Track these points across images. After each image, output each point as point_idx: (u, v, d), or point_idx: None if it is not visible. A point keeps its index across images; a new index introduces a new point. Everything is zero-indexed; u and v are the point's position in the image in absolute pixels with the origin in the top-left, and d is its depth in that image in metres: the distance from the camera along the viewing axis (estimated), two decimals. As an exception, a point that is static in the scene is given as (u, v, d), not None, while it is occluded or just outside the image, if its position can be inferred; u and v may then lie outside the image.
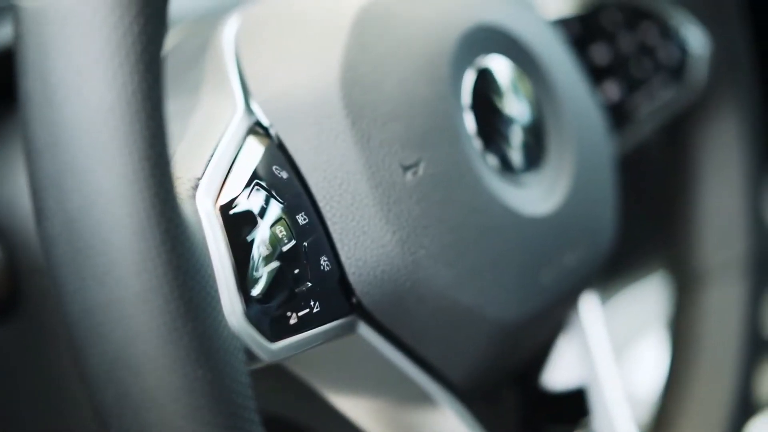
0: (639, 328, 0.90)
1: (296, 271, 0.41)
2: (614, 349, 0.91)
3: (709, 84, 0.65)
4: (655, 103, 0.63)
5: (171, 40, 0.52)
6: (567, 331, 0.56)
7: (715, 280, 0.65)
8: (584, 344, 0.56)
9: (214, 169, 0.41)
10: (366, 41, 0.45)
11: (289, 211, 0.42)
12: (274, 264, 0.41)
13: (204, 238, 0.38)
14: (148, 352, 0.34)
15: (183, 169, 0.41)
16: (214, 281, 0.37)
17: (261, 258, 0.40)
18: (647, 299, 0.90)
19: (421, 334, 0.45)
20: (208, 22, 0.51)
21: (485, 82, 0.48)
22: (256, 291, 0.40)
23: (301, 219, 0.43)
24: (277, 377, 0.47)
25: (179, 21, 0.65)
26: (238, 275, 0.39)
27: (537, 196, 0.49)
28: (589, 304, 0.56)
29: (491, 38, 0.49)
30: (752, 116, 0.67)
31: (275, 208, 0.42)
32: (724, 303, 0.65)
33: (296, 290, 0.41)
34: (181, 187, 0.40)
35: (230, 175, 0.41)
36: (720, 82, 0.66)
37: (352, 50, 0.45)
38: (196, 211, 0.39)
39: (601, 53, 0.60)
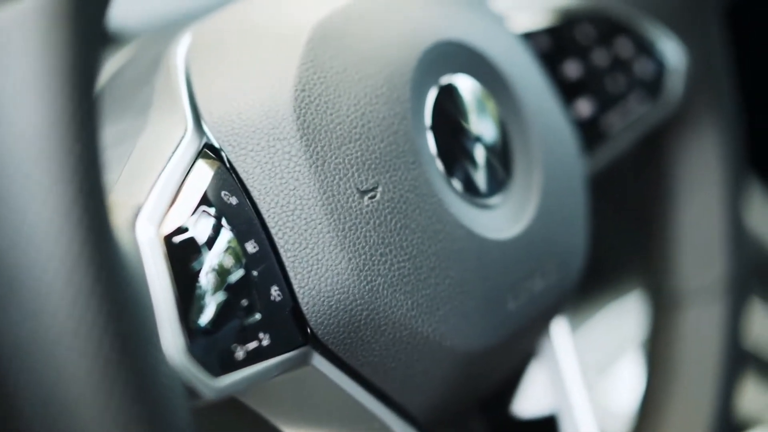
0: (620, 345, 0.88)
1: (245, 301, 0.40)
2: (595, 368, 0.89)
3: (686, 99, 0.63)
4: (631, 119, 0.61)
5: (123, 56, 0.50)
6: (538, 357, 0.54)
7: (693, 302, 0.64)
8: (555, 371, 0.54)
9: (160, 194, 0.39)
10: (321, 59, 0.43)
11: (239, 239, 0.41)
12: (221, 295, 0.39)
13: (143, 268, 0.36)
14: (82, 390, 0.32)
15: (126, 194, 0.39)
16: (153, 315, 0.35)
17: (207, 289, 0.39)
18: (628, 316, 0.88)
19: (379, 365, 0.43)
20: (161, 38, 0.49)
21: (448, 101, 0.47)
22: (200, 324, 0.38)
23: (252, 247, 0.41)
24: (231, 411, 0.45)
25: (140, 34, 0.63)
26: (181, 307, 0.37)
27: (502, 219, 0.47)
28: (559, 330, 0.54)
29: (454, 55, 0.47)
30: (731, 131, 0.65)
31: (224, 236, 0.40)
32: (702, 325, 0.63)
33: (244, 322, 0.39)
34: (122, 214, 0.38)
35: (177, 201, 0.40)
36: (697, 96, 0.64)
37: (307, 69, 0.43)
38: (135, 240, 0.37)
39: (573, 68, 0.58)
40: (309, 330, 0.42)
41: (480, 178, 0.47)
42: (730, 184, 0.65)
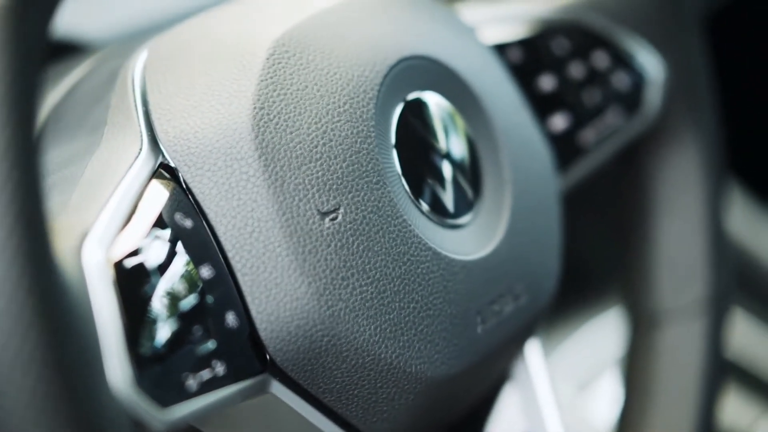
0: (601, 361, 0.87)
1: (198, 328, 0.38)
2: (575, 384, 0.88)
3: (664, 112, 0.62)
4: (608, 133, 0.59)
5: (81, 71, 0.49)
6: (511, 380, 0.53)
7: (671, 321, 0.62)
8: (528, 394, 0.52)
9: (110, 216, 0.38)
10: (282, 76, 0.42)
11: (193, 263, 0.39)
12: (173, 322, 0.37)
13: (88, 295, 0.35)
14: (19, 425, 0.31)
15: (76, 217, 0.38)
16: (97, 344, 0.34)
17: (158, 315, 0.37)
18: (610, 331, 0.87)
19: (342, 392, 0.42)
20: (120, 52, 0.48)
21: (415, 118, 0.45)
22: (149, 353, 0.36)
23: (207, 271, 0.39)
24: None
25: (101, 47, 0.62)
26: (128, 335, 0.36)
27: (471, 239, 0.46)
28: (533, 352, 0.53)
29: (421, 71, 0.46)
30: (711, 144, 0.64)
31: (178, 260, 0.39)
32: (680, 343, 0.62)
33: (198, 350, 0.38)
34: (69, 238, 0.36)
35: (128, 224, 0.38)
36: (676, 109, 0.62)
37: (266, 86, 0.41)
38: (81, 266, 0.35)
39: (548, 81, 0.57)
40: (267, 357, 0.40)
41: (447, 198, 0.45)
42: (711, 199, 0.64)
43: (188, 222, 0.40)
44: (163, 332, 0.37)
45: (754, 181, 1.29)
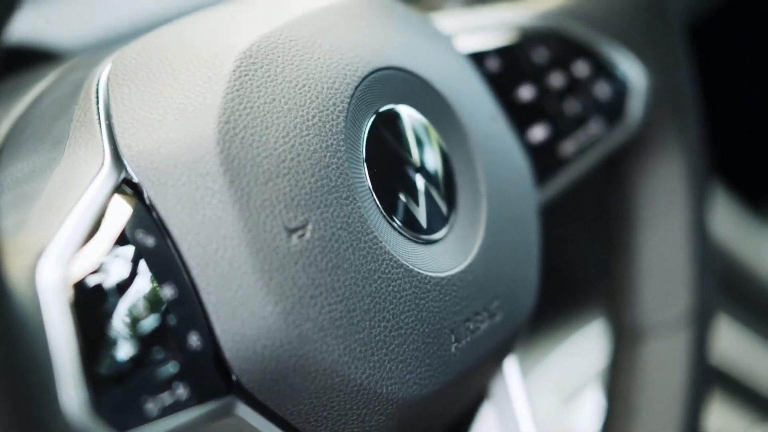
0: (586, 373, 0.86)
1: (160, 350, 0.37)
2: (560, 396, 0.87)
3: (647, 121, 0.61)
4: (589, 144, 0.58)
5: (47, 81, 0.47)
6: (488, 398, 0.52)
7: (654, 336, 0.61)
8: (506, 412, 0.51)
9: (70, 233, 0.37)
10: (249, 88, 0.41)
11: (156, 282, 0.38)
12: (133, 344, 0.36)
13: (41, 316, 0.34)
14: None
15: (34, 234, 0.37)
16: (50, 367, 0.33)
17: (116, 337, 0.36)
18: (595, 343, 0.86)
19: (311, 414, 0.41)
20: (86, 62, 0.46)
21: (387, 131, 0.44)
22: (107, 376, 0.35)
23: (170, 290, 0.38)
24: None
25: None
26: (85, 359, 0.34)
27: (445, 255, 0.44)
28: (511, 370, 0.51)
29: (394, 83, 0.45)
30: (695, 154, 0.63)
31: (139, 279, 0.38)
32: (663, 357, 0.61)
33: (159, 372, 0.37)
34: (25, 256, 0.35)
35: (88, 241, 0.37)
36: (659, 119, 0.61)
37: (233, 99, 0.40)
38: (35, 286, 0.34)
39: (528, 91, 0.56)
40: (233, 378, 0.39)
41: (420, 213, 0.44)
42: (696, 210, 0.63)
43: (151, 239, 0.39)
44: (122, 354, 0.36)
45: (742, 185, 1.28)
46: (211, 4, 0.74)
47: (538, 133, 0.56)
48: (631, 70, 0.60)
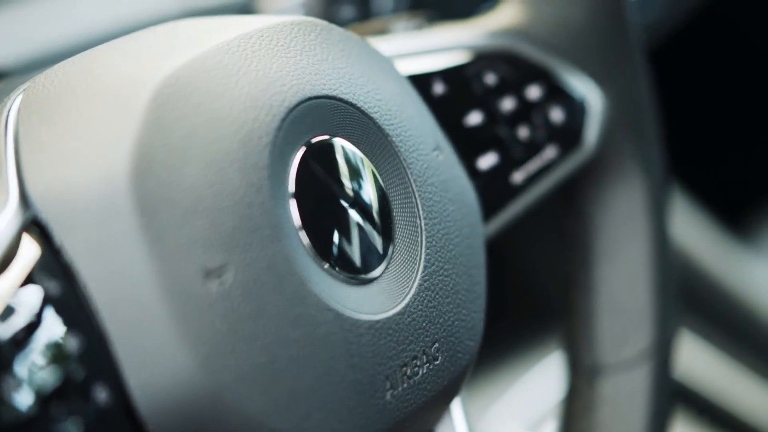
0: (548, 404, 0.84)
1: (64, 407, 0.34)
2: (524, 426, 0.84)
3: (605, 147, 0.58)
4: (544, 170, 0.56)
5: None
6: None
7: (613, 372, 0.58)
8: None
9: None
10: (166, 121, 0.38)
11: (62, 330, 0.35)
12: (32, 400, 0.34)
13: None
14: None
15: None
16: None
17: (16, 395, 0.33)
18: (556, 374, 0.84)
19: None
20: (6, 88, 0.44)
21: (318, 164, 0.41)
22: None
23: (77, 339, 0.36)
24: None
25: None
26: None
27: (380, 296, 0.42)
28: (457, 414, 0.49)
29: (326, 113, 0.42)
30: (657, 182, 0.60)
31: (44, 327, 0.35)
32: (622, 392, 0.58)
33: (61, 430, 0.34)
34: None
35: None
36: (618, 144, 0.59)
37: (149, 132, 0.38)
38: None
39: (478, 116, 0.53)
40: None
41: (354, 251, 0.42)
42: (657, 239, 0.60)
43: (58, 284, 0.36)
44: (22, 413, 0.33)
45: (719, 204, 1.27)
46: (160, 20, 0.71)
47: (489, 160, 0.53)
48: (587, 93, 0.57)
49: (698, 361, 1.10)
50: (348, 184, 0.42)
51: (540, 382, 0.86)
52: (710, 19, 1.33)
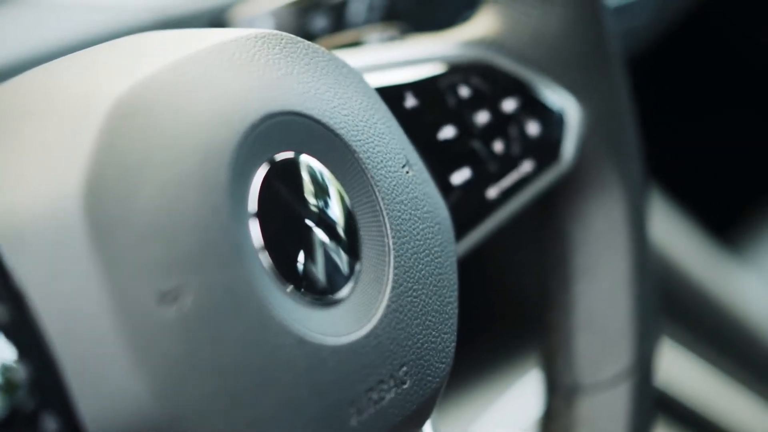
0: (525, 423, 0.82)
1: None
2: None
3: (583, 161, 0.57)
4: (520, 184, 0.54)
5: None
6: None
7: (591, 393, 0.57)
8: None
9: None
10: (122, 141, 0.37)
11: (11, 359, 0.34)
12: None
13: None
14: None
15: None
16: None
17: None
18: (533, 393, 0.82)
19: None
20: None
21: (281, 183, 0.40)
22: None
23: (26, 368, 0.34)
24: None
25: None
26: None
27: (345, 318, 0.41)
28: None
29: (289, 129, 0.41)
30: (636, 196, 0.59)
31: None
32: (600, 412, 0.57)
33: None
34: None
35: None
36: (596, 158, 0.58)
37: (103, 153, 0.36)
38: None
39: (453, 129, 0.52)
40: None
41: (319, 272, 0.40)
42: (636, 255, 0.59)
43: (6, 309, 0.35)
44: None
45: (708, 216, 1.26)
46: (131, 31, 0.70)
47: (463, 175, 0.52)
48: (565, 106, 0.56)
49: (682, 370, 1.09)
50: (313, 203, 0.41)
51: (517, 402, 0.84)
52: (697, 25, 1.32)
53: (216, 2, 0.69)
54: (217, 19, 0.67)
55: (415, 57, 0.53)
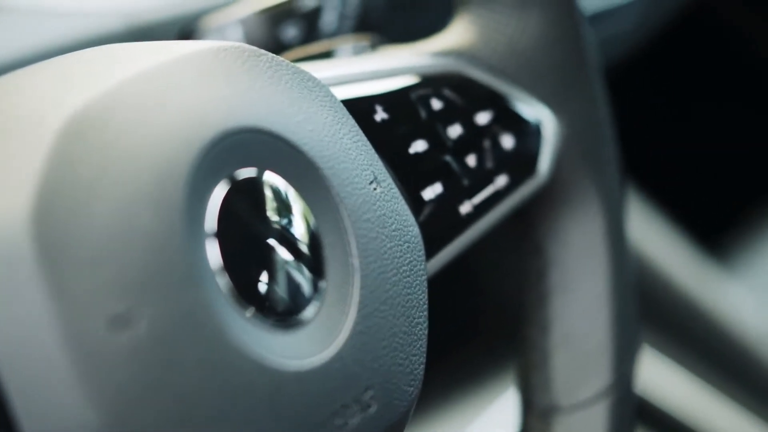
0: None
1: None
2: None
3: (559, 174, 0.56)
4: (495, 199, 0.53)
5: None
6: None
7: (569, 413, 0.56)
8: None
9: None
10: (74, 159, 0.35)
11: None
12: None
13: None
14: None
15: None
16: None
17: None
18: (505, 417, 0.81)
19: None
20: None
21: (242, 202, 0.39)
22: None
23: None
24: None
25: None
26: None
27: (308, 341, 0.39)
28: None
29: (251, 146, 0.39)
30: (614, 209, 0.58)
31: None
32: (578, 429, 0.56)
33: None
34: None
35: None
36: (573, 171, 0.57)
37: (54, 172, 0.35)
38: None
39: (425, 142, 0.51)
40: None
41: (280, 293, 0.39)
42: (615, 271, 0.58)
43: None
44: None
45: (697, 226, 1.26)
46: (102, 40, 0.68)
47: (435, 190, 0.50)
48: (540, 118, 0.55)
49: (665, 380, 1.08)
50: (276, 222, 0.40)
51: (494, 422, 0.83)
52: (684, 29, 1.32)
53: (188, 10, 0.68)
54: (188, 27, 0.66)
55: (387, 68, 0.51)
